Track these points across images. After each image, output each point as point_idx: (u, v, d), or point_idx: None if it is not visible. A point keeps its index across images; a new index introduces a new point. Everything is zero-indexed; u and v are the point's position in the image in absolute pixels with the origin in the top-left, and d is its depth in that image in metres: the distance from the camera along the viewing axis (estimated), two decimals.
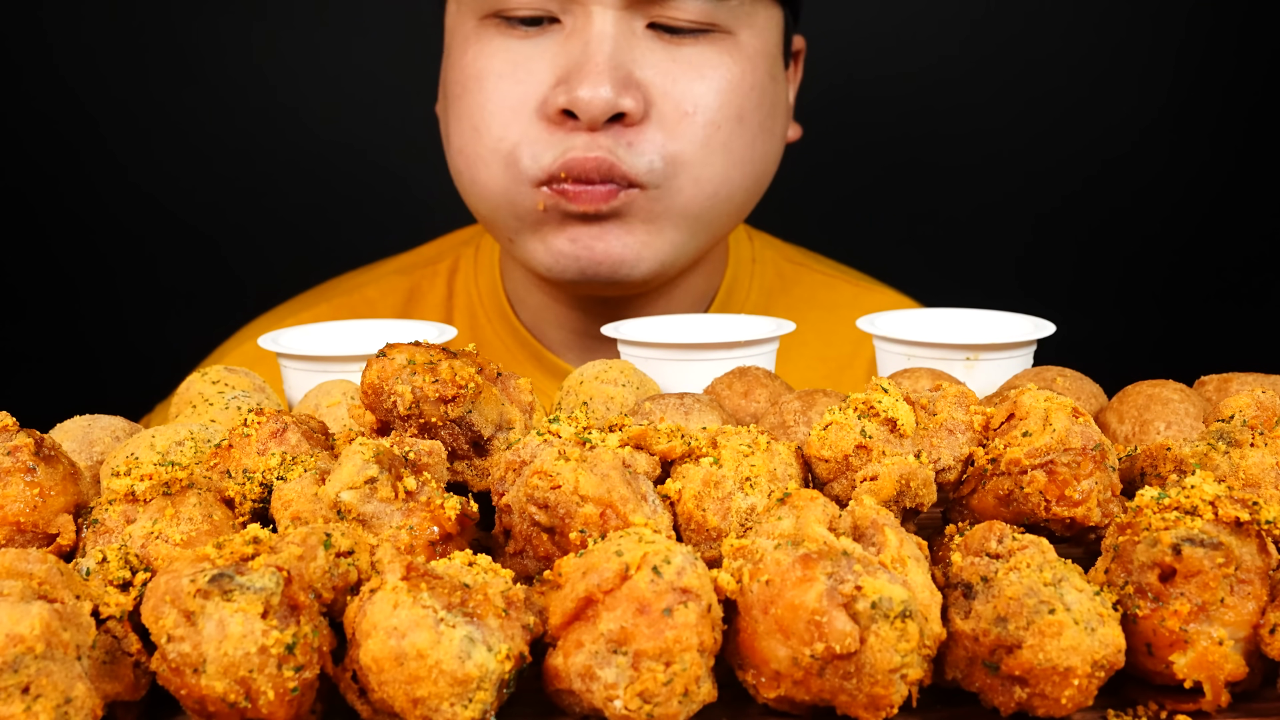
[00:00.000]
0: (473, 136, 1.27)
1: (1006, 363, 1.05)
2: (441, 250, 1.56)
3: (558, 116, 1.22)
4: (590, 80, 1.20)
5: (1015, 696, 0.60)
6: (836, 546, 0.60)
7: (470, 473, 0.78)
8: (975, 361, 1.04)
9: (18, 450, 0.73)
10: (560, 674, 0.59)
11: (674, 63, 1.25)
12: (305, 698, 0.57)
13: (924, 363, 1.05)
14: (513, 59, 1.25)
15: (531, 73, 1.24)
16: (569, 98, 1.21)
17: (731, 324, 1.18)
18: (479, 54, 1.26)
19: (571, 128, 1.23)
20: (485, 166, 1.27)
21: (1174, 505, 0.64)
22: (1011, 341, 1.05)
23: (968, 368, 1.04)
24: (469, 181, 1.30)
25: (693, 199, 1.29)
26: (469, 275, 1.51)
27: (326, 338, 1.15)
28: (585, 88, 1.20)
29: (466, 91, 1.27)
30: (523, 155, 1.24)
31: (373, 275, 1.53)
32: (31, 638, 0.55)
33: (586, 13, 1.22)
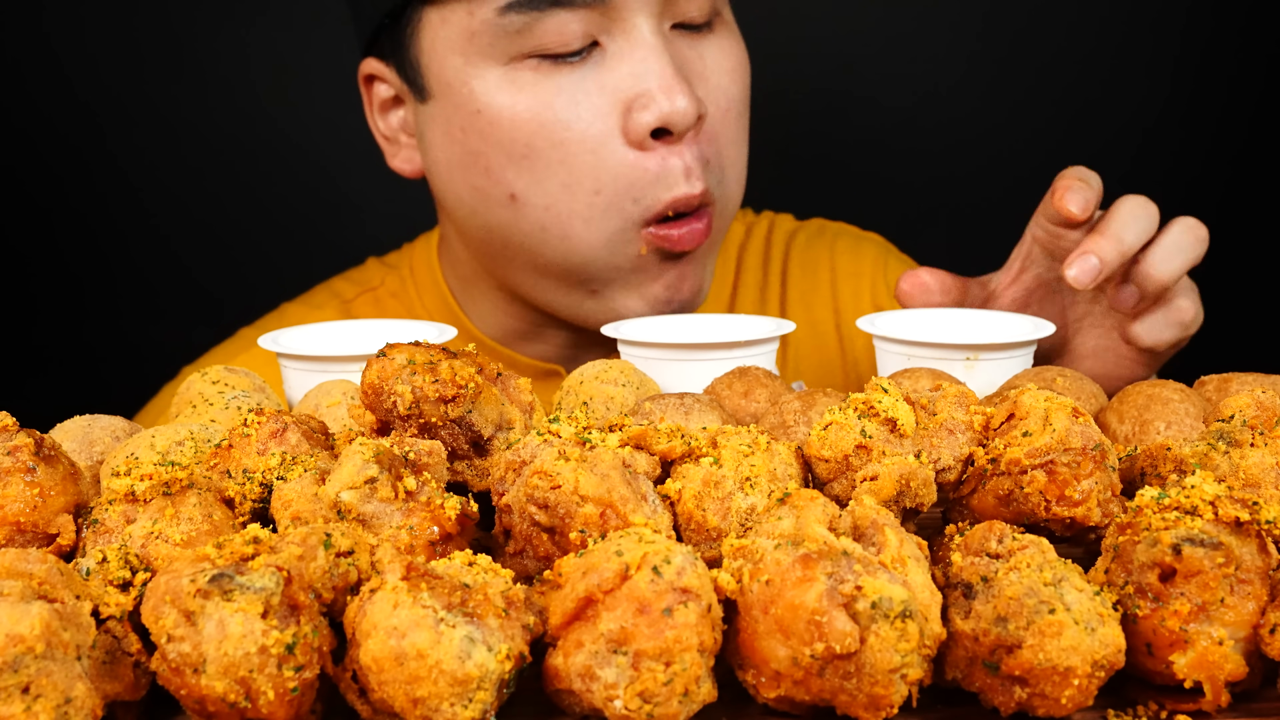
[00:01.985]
0: (563, 193, 1.21)
1: (1006, 363, 1.05)
2: (368, 276, 1.52)
3: (646, 141, 1.19)
4: (671, 92, 1.17)
5: (1015, 696, 0.60)
6: (836, 546, 0.60)
7: (470, 473, 0.78)
8: (975, 361, 1.04)
9: (18, 450, 0.73)
10: (560, 674, 0.59)
11: (701, 59, 1.25)
12: (305, 698, 0.57)
13: (924, 363, 1.05)
14: (571, 97, 1.19)
15: (597, 106, 1.19)
16: (658, 115, 1.17)
17: (731, 324, 1.18)
18: (531, 101, 1.19)
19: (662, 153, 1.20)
20: (584, 222, 1.22)
21: (1174, 505, 0.64)
22: (1011, 341, 1.05)
23: (968, 368, 1.04)
24: (558, 238, 1.23)
25: (735, 198, 1.30)
26: (412, 296, 1.47)
27: (326, 338, 1.15)
28: (668, 100, 1.17)
29: (534, 148, 1.20)
30: (624, 201, 1.20)
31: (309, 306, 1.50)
32: (31, 638, 0.55)
33: (627, 28, 1.19)
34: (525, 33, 1.18)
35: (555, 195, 1.21)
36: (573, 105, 1.19)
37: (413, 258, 1.51)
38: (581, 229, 1.22)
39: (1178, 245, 1.09)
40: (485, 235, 1.29)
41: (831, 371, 1.47)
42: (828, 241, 1.55)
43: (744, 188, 1.32)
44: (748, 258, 1.54)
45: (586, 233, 1.22)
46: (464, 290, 1.44)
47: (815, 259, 1.53)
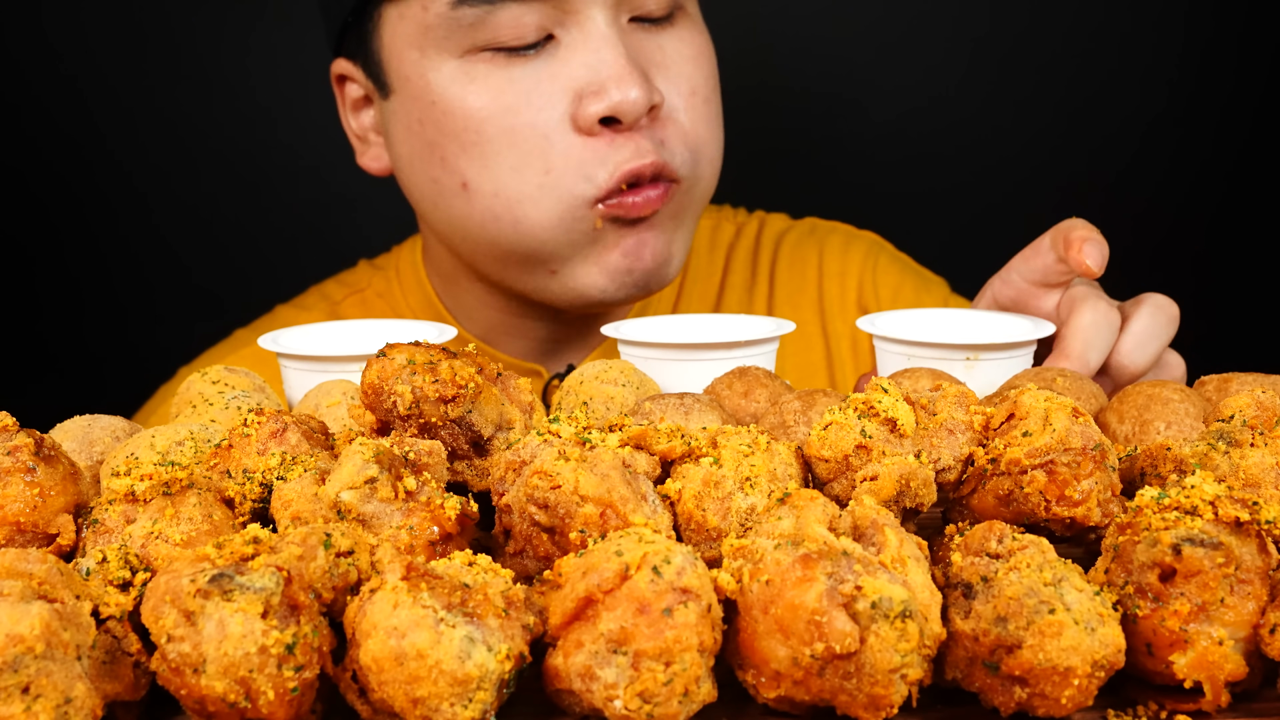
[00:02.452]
0: (512, 177, 1.22)
1: (1006, 363, 1.05)
2: (357, 279, 1.53)
3: (596, 128, 1.20)
4: (622, 82, 1.19)
5: (1015, 696, 0.60)
6: (836, 546, 0.60)
7: (470, 473, 0.78)
8: (975, 361, 1.04)
9: (18, 450, 0.73)
10: (560, 674, 0.59)
11: (661, 50, 1.26)
12: (305, 698, 0.57)
13: (924, 363, 1.05)
14: (523, 87, 1.21)
15: (548, 95, 1.21)
16: (608, 104, 1.19)
17: (731, 324, 1.18)
18: (482, 92, 1.21)
19: (611, 136, 1.21)
20: (534, 204, 1.23)
21: (1174, 505, 0.64)
22: (1011, 342, 1.05)
23: (968, 368, 1.04)
24: (510, 224, 1.24)
25: (710, 181, 1.31)
26: (398, 297, 1.48)
27: (326, 338, 1.15)
28: (619, 90, 1.18)
29: (484, 136, 1.22)
30: (574, 181, 1.21)
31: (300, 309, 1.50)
32: (31, 638, 0.55)
33: (580, 20, 1.21)
34: (479, 26, 1.20)
35: (504, 180, 1.23)
36: (524, 95, 1.21)
37: (399, 259, 1.52)
38: (532, 210, 1.23)
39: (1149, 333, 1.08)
40: (448, 228, 1.31)
41: (815, 370, 1.47)
42: (817, 240, 1.55)
43: (718, 169, 1.33)
44: (736, 256, 1.54)
45: (537, 214, 1.23)
46: (446, 288, 1.45)
47: (803, 258, 1.53)
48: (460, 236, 1.30)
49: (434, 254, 1.44)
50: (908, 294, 1.48)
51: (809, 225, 1.59)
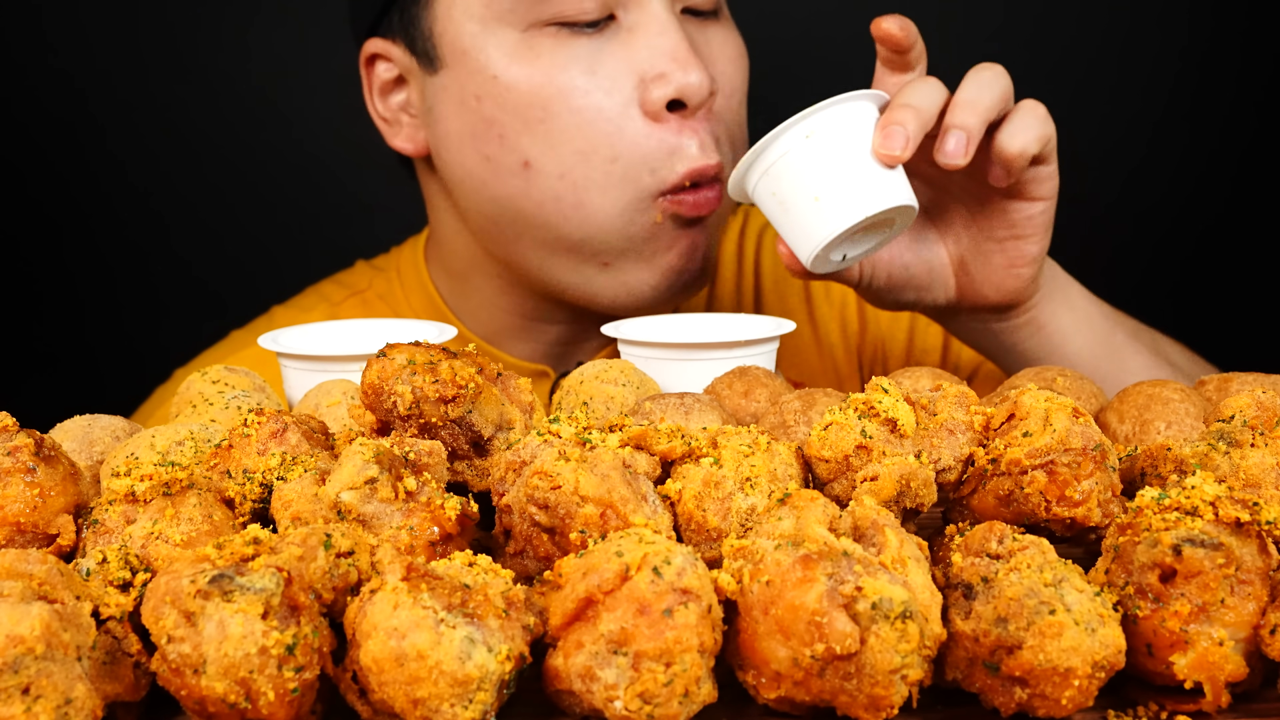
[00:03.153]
0: (578, 160, 1.21)
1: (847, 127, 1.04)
2: (356, 279, 1.52)
3: (662, 114, 1.21)
4: (686, 66, 1.20)
5: (1015, 697, 0.60)
6: (837, 547, 0.60)
7: (470, 473, 0.78)
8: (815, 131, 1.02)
9: (18, 450, 0.73)
10: (560, 674, 0.59)
11: (708, 45, 1.27)
12: (305, 698, 0.57)
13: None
14: (589, 65, 1.21)
15: (613, 76, 1.21)
16: (675, 88, 1.19)
17: (731, 324, 1.18)
18: (549, 67, 1.20)
19: (677, 125, 1.21)
20: (600, 191, 1.22)
21: (1174, 506, 0.64)
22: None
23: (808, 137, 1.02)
24: (572, 207, 1.23)
25: None
26: (399, 298, 1.47)
27: (326, 338, 1.15)
28: (683, 74, 1.19)
29: (550, 114, 1.21)
30: (641, 172, 1.21)
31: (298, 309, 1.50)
32: (31, 638, 0.55)
33: (642, 4, 1.21)
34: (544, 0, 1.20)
35: (570, 163, 1.22)
36: (590, 74, 1.21)
37: (400, 260, 1.50)
38: (597, 198, 1.22)
39: (1025, 123, 1.06)
40: (494, 210, 1.28)
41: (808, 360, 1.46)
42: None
43: None
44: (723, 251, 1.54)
45: (603, 201, 1.23)
46: (454, 288, 1.43)
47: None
48: (510, 218, 1.28)
49: (443, 250, 1.43)
50: None
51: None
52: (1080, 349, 1.20)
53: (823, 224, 1.03)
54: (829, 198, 1.02)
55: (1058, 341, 1.20)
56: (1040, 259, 1.15)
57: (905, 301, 1.19)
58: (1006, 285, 1.15)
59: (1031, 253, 1.13)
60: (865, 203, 1.02)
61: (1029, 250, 1.13)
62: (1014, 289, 1.15)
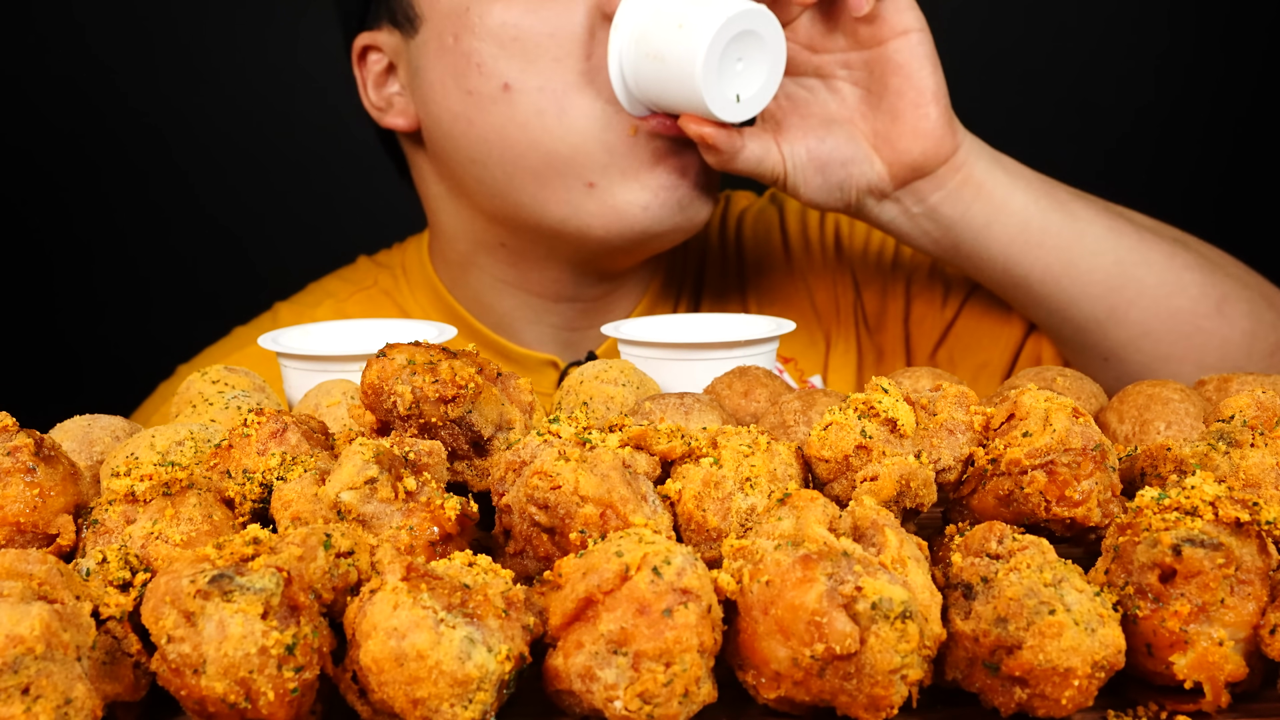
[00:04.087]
0: (555, 68, 1.22)
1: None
2: (361, 275, 1.52)
3: None
4: None
5: (1015, 697, 0.60)
6: (837, 547, 0.60)
7: (470, 473, 0.78)
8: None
9: (18, 450, 0.73)
10: (560, 674, 0.59)
11: None
12: (305, 698, 0.57)
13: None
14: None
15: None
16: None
17: (731, 324, 1.18)
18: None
19: None
20: (578, 93, 1.22)
21: (1174, 506, 0.64)
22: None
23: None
24: (554, 117, 1.23)
25: None
26: (404, 294, 1.47)
27: (326, 338, 1.15)
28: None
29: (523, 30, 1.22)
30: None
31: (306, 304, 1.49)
32: (31, 638, 0.55)
33: None
34: None
35: (548, 73, 1.23)
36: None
37: (404, 256, 1.51)
38: (577, 100, 1.23)
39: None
40: (483, 151, 1.28)
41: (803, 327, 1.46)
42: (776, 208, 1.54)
43: None
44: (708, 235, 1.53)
45: (582, 104, 1.23)
46: (458, 278, 1.44)
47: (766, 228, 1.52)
48: (499, 153, 1.28)
49: (444, 239, 1.43)
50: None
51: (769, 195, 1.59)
52: (1026, 205, 1.22)
53: (695, 43, 1.08)
54: (690, 15, 1.08)
55: (1000, 200, 1.21)
56: (941, 96, 1.18)
57: (837, 183, 1.21)
58: (922, 128, 1.18)
59: (927, 86, 1.17)
60: (723, 7, 1.07)
61: (923, 85, 1.17)
62: (929, 131, 1.17)
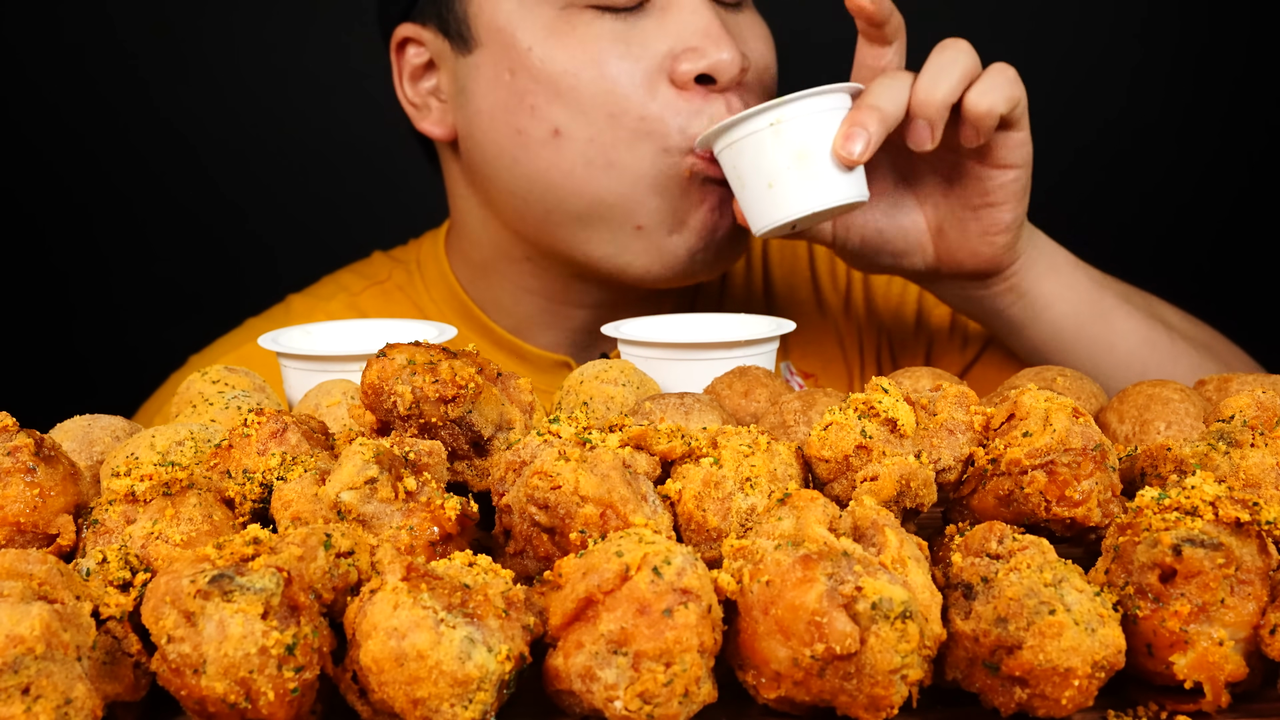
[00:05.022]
0: (608, 123, 1.24)
1: (814, 119, 1.09)
2: (375, 270, 1.52)
3: (690, 85, 1.23)
4: (719, 43, 1.22)
5: (1015, 697, 0.60)
6: (837, 547, 0.60)
7: (470, 473, 0.78)
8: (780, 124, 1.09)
9: (18, 450, 0.73)
10: (560, 674, 0.59)
11: (740, 27, 1.30)
12: (305, 698, 0.57)
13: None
14: (622, 40, 1.24)
15: (644, 49, 1.24)
16: (706, 63, 1.22)
17: (731, 324, 1.18)
18: (582, 41, 1.24)
19: (706, 93, 1.23)
20: (629, 148, 1.24)
21: (1174, 506, 0.64)
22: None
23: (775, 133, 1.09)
24: (602, 168, 1.25)
25: None
26: (420, 290, 1.48)
27: (326, 338, 1.15)
28: (716, 50, 1.21)
29: (581, 81, 1.24)
30: (670, 128, 1.23)
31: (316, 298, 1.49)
32: (31, 638, 0.55)
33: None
34: None
35: (599, 126, 1.25)
36: (624, 48, 1.24)
37: (420, 252, 1.51)
38: (626, 155, 1.25)
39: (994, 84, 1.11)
40: (525, 187, 1.30)
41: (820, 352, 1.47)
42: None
43: None
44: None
45: (632, 158, 1.24)
46: (477, 279, 1.44)
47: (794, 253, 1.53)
48: (540, 192, 1.29)
49: (466, 241, 1.44)
50: None
51: None
52: (1065, 313, 1.23)
53: (773, 209, 1.10)
54: (782, 187, 1.09)
55: (1041, 306, 1.23)
56: (1015, 227, 1.18)
57: (883, 265, 1.24)
58: (983, 252, 1.19)
59: (1005, 220, 1.17)
60: (815, 198, 1.09)
61: (1003, 218, 1.17)
62: (990, 256, 1.18)
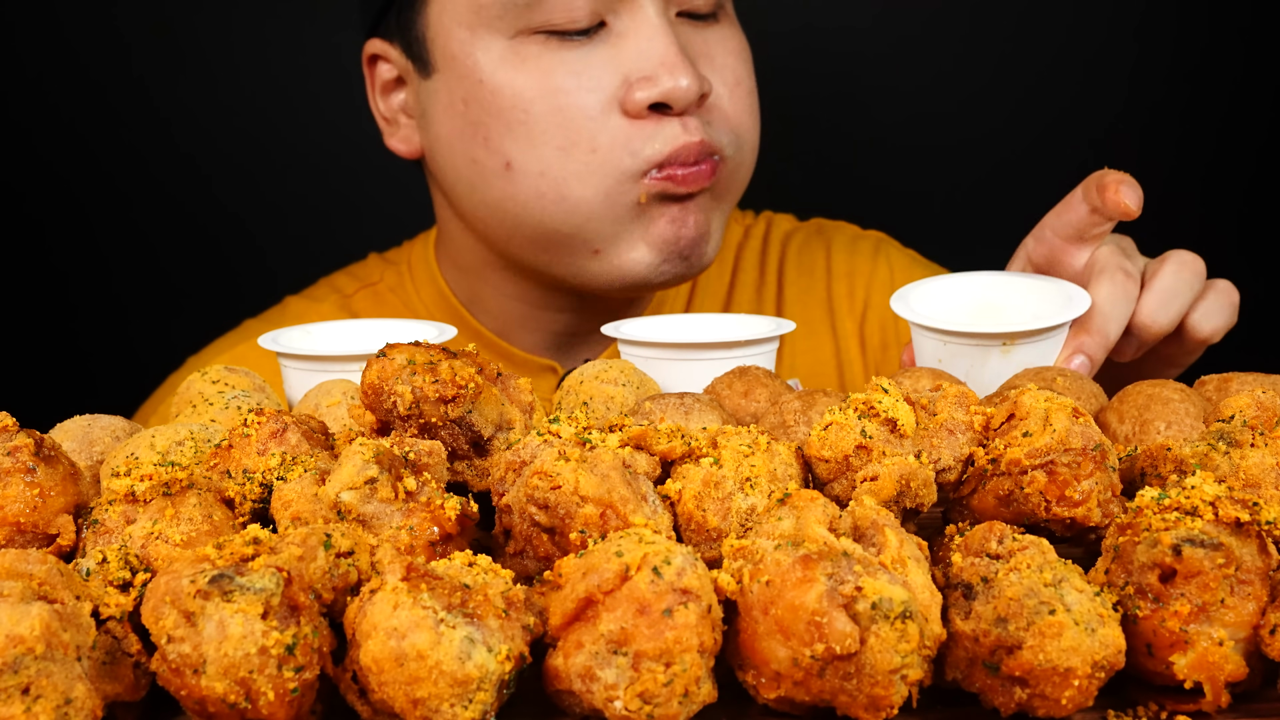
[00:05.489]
0: (558, 157, 1.23)
1: (1043, 344, 1.06)
2: (369, 272, 1.53)
3: (644, 112, 1.22)
4: (674, 71, 1.21)
5: (1015, 697, 0.60)
6: (837, 547, 0.60)
7: (470, 473, 0.78)
8: (1012, 346, 1.04)
9: (18, 450, 0.73)
10: (560, 674, 0.59)
11: (707, 43, 1.29)
12: (305, 698, 0.57)
13: (960, 349, 1.06)
14: (573, 69, 1.23)
15: (597, 78, 1.22)
16: (659, 91, 1.21)
17: (731, 324, 1.18)
18: (532, 72, 1.22)
19: (658, 119, 1.22)
20: (580, 181, 1.23)
21: (1174, 506, 0.64)
22: (1046, 327, 1.05)
23: (1004, 353, 1.04)
24: (554, 201, 1.25)
25: (749, 168, 1.34)
26: (410, 292, 1.48)
27: (326, 338, 1.15)
28: (671, 78, 1.20)
29: (531, 116, 1.23)
30: (620, 156, 1.22)
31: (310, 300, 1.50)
32: (31, 638, 0.55)
33: (633, 9, 1.22)
34: (533, 7, 1.22)
35: (550, 160, 1.24)
36: (575, 77, 1.23)
37: (411, 254, 1.52)
38: (579, 189, 1.24)
39: (1171, 291, 1.08)
40: (485, 212, 1.31)
41: (825, 371, 1.47)
42: (824, 241, 1.56)
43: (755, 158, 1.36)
44: (744, 257, 1.55)
45: (584, 191, 1.24)
46: (462, 281, 1.44)
47: (810, 258, 1.54)
48: (499, 219, 1.30)
49: (451, 247, 1.44)
50: None
51: (815, 225, 1.61)
52: None
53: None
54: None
55: None
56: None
57: None
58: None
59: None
60: None
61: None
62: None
